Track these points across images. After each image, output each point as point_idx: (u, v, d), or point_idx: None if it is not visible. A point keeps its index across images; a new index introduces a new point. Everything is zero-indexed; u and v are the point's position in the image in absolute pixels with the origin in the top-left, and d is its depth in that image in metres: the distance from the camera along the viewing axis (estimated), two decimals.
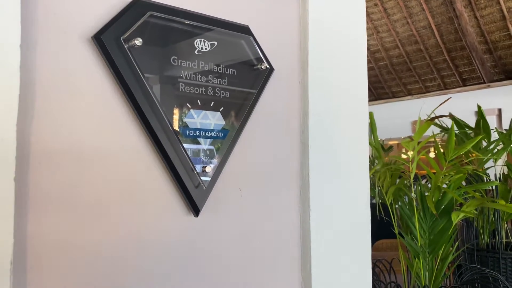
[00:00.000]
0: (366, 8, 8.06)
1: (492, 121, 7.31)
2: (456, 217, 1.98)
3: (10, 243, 0.64)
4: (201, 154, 0.88)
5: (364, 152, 1.18)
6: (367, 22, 8.17)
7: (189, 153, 0.85)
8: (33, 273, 0.69)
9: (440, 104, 2.27)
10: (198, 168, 0.86)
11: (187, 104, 0.86)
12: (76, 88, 0.75)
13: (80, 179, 0.74)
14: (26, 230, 0.69)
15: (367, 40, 8.38)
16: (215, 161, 0.90)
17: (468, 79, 8.13)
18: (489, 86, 7.81)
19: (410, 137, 2.03)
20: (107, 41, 0.75)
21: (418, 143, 2.01)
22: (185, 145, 0.85)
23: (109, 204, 0.77)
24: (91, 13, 0.76)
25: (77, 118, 0.75)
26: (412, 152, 1.98)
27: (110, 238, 0.77)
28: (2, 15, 0.64)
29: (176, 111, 0.84)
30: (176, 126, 0.84)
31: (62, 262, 0.72)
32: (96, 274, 0.75)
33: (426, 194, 2.06)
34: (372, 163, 3.02)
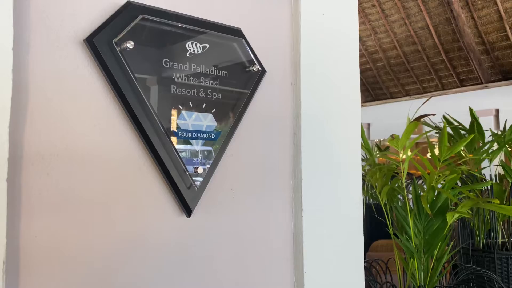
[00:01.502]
0: (364, 9, 8.02)
1: (489, 122, 7.33)
2: (451, 218, 1.99)
3: (2, 243, 0.65)
4: (193, 155, 0.89)
5: (356, 152, 1.19)
6: (365, 23, 8.20)
7: (181, 155, 0.86)
8: (26, 272, 0.70)
9: (422, 104, 2.29)
10: (190, 169, 0.87)
11: (179, 106, 0.87)
12: (68, 90, 0.76)
13: (72, 180, 0.75)
14: (19, 231, 0.70)
15: (365, 41, 8.42)
16: (207, 162, 0.91)
17: (465, 80, 8.15)
18: (486, 86, 7.83)
19: (392, 135, 2.04)
20: (99, 44, 0.76)
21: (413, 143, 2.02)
22: (177, 147, 0.86)
23: (101, 205, 0.78)
24: (83, 16, 0.77)
25: (70, 120, 0.76)
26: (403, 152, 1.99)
27: (103, 238, 0.78)
28: None
29: (168, 113, 0.85)
30: (168, 128, 0.85)
31: (54, 262, 0.73)
32: (88, 275, 0.76)
33: (421, 194, 2.07)
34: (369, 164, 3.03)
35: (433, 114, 2.37)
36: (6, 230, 0.66)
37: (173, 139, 0.85)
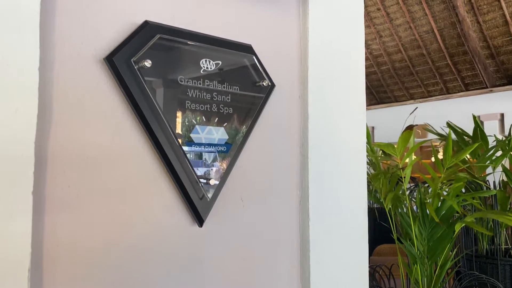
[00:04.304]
0: (369, 12, 8.01)
1: (494, 126, 7.32)
2: (460, 227, 2.01)
3: (28, 252, 0.69)
4: (206, 167, 0.93)
5: (361, 162, 1.22)
6: (370, 27, 8.21)
7: (194, 166, 0.90)
8: (48, 280, 0.74)
9: (410, 113, 2.32)
10: (203, 180, 0.91)
11: (193, 120, 0.90)
12: (89, 107, 0.80)
13: (91, 192, 0.79)
14: (43, 240, 0.74)
15: (370, 45, 8.43)
16: (219, 173, 0.94)
17: (470, 84, 8.14)
18: (491, 91, 7.82)
19: (369, 125, 2.08)
20: (118, 62, 0.79)
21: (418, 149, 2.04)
22: (190, 159, 0.90)
23: (118, 215, 0.82)
24: (103, 36, 0.81)
25: (91, 136, 0.80)
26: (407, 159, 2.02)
27: (118, 246, 0.82)
28: (22, 41, 0.69)
29: (182, 127, 0.89)
30: (182, 141, 0.89)
31: (76, 271, 0.77)
32: (105, 282, 0.80)
33: (427, 201, 2.10)
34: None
35: (416, 125, 2.42)
36: (31, 239, 0.69)
37: (187, 152, 0.89)
